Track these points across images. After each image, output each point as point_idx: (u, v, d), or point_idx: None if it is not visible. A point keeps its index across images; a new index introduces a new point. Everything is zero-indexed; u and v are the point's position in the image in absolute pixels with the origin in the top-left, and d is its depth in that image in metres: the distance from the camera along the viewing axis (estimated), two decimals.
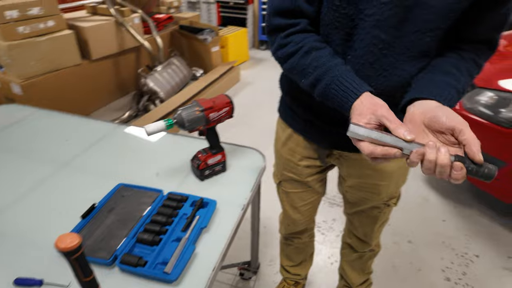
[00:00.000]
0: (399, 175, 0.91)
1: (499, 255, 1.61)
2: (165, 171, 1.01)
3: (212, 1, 4.80)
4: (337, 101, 0.62)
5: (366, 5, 0.60)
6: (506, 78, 1.63)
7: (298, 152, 0.93)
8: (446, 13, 0.60)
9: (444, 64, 0.65)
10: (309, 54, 0.65)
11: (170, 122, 0.82)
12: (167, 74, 3.02)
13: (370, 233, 1.07)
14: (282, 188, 1.07)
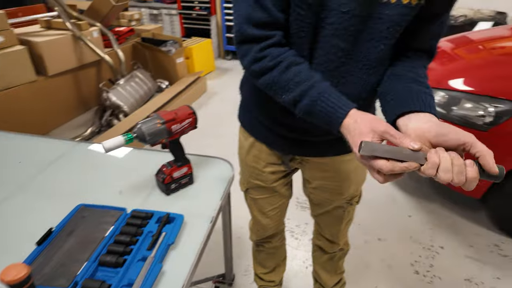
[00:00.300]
0: (357, 175, 0.95)
1: (461, 245, 1.70)
2: (129, 188, 0.97)
3: (174, 13, 4.77)
4: (324, 118, 0.61)
5: (327, 13, 0.62)
6: (455, 78, 1.75)
7: (262, 159, 0.93)
8: (398, 23, 0.63)
9: (408, 73, 0.68)
10: (289, 69, 0.63)
11: (130, 137, 0.80)
12: (131, 88, 2.94)
13: (337, 233, 1.09)
14: (249, 195, 1.07)
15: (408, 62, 0.72)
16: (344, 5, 0.61)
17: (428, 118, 0.57)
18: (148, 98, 3.17)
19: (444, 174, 0.48)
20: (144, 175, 1.01)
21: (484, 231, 1.78)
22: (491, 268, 1.57)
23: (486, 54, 2.05)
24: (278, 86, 0.65)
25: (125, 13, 3.84)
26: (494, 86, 1.61)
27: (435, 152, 0.50)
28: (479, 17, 3.93)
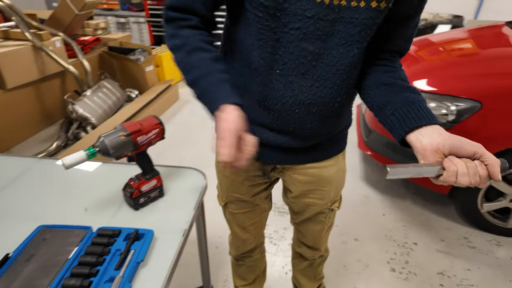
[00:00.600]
0: (337, 180, 0.94)
1: (434, 240, 1.76)
2: (95, 205, 0.92)
3: (142, 20, 4.68)
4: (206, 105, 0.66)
5: (290, 18, 0.62)
6: (419, 79, 1.82)
7: (242, 172, 0.90)
8: (369, 27, 0.64)
9: (395, 80, 0.70)
10: (192, 53, 0.67)
11: (92, 152, 0.76)
12: (98, 98, 2.84)
13: (318, 239, 1.08)
14: (228, 210, 1.03)
15: (388, 67, 0.73)
16: (309, 10, 0.61)
17: (437, 131, 0.59)
18: (117, 109, 3.08)
19: (463, 178, 0.54)
20: (111, 190, 0.97)
21: (453, 225, 1.85)
22: (462, 261, 1.63)
23: (446, 56, 2.16)
24: (183, 65, 0.69)
25: (90, 22, 3.72)
26: (455, 86, 1.69)
27: (450, 161, 0.55)
28: (438, 20, 4.15)
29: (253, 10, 0.64)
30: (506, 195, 1.67)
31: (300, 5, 0.61)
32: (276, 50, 0.66)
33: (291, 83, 0.68)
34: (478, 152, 0.54)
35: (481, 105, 1.55)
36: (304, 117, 0.73)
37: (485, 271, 1.58)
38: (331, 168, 0.90)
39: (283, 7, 0.61)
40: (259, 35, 0.66)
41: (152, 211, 0.91)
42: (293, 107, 0.71)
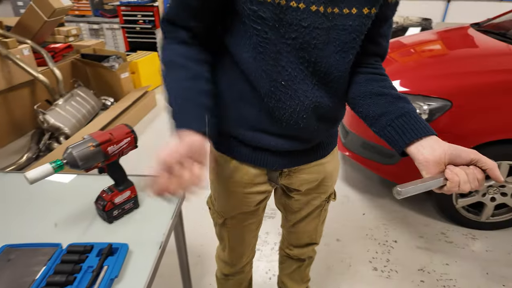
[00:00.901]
0: (336, 172, 0.98)
1: (412, 237, 1.79)
2: (65, 220, 0.88)
3: (116, 27, 4.58)
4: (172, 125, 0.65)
5: (287, 29, 0.62)
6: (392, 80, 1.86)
7: (247, 181, 0.86)
8: (361, 32, 0.66)
9: (386, 90, 0.71)
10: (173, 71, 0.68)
11: (59, 164, 0.72)
12: (71, 107, 2.74)
13: (315, 233, 1.08)
14: (227, 226, 0.98)
15: (376, 75, 0.74)
16: (304, 19, 0.61)
17: (436, 142, 0.62)
18: (92, 117, 2.98)
19: (465, 185, 0.57)
20: (83, 204, 0.93)
21: (431, 221, 1.90)
22: (440, 256, 1.67)
23: (417, 57, 2.23)
24: (165, 82, 0.69)
25: (60, 28, 3.60)
26: (426, 86, 1.75)
27: (451, 172, 0.58)
28: (408, 23, 4.30)
29: (252, 24, 0.63)
30: (478, 190, 1.72)
31: (296, 15, 0.61)
32: (278, 62, 0.66)
33: (296, 91, 0.68)
34: (474, 158, 0.58)
35: (451, 104, 1.60)
36: (311, 120, 0.74)
37: (462, 264, 1.62)
38: (332, 163, 0.92)
39: (279, 18, 0.61)
40: (259, 49, 0.65)
41: (127, 224, 0.88)
42: (300, 113, 0.72)
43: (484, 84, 1.63)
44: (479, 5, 4.62)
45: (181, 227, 1.08)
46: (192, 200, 0.97)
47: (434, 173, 0.59)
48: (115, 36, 4.70)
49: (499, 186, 1.70)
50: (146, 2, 4.23)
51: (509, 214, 1.78)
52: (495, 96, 1.59)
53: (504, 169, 1.65)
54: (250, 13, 0.62)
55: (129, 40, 4.51)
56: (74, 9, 4.77)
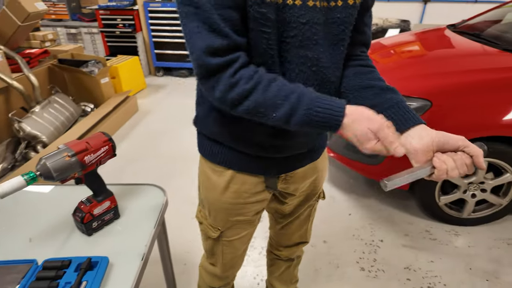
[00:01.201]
0: (326, 169, 0.99)
1: (398, 235, 1.81)
2: (41, 234, 0.84)
3: (95, 31, 4.48)
4: (322, 123, 0.60)
5: (285, 27, 0.61)
6: None
7: (245, 190, 0.84)
8: (350, 23, 0.67)
9: (374, 83, 0.71)
10: (271, 86, 0.60)
11: (32, 176, 0.68)
12: (49, 114, 2.65)
13: (305, 232, 1.09)
14: (223, 239, 0.94)
15: (364, 68, 0.75)
16: (303, 16, 0.61)
17: (424, 130, 0.62)
18: (72, 124, 2.89)
19: (453, 172, 0.58)
20: (60, 216, 0.89)
21: (415, 219, 1.92)
22: (425, 253, 1.70)
23: (397, 58, 2.27)
24: (265, 106, 0.60)
25: (36, 33, 3.48)
26: (406, 86, 1.77)
27: (438, 159, 0.58)
28: (387, 25, 4.39)
29: (261, 28, 0.60)
30: (459, 187, 1.76)
31: (293, 12, 0.60)
32: (283, 63, 0.66)
33: None
34: (462, 144, 0.58)
35: (431, 104, 1.63)
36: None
37: (446, 261, 1.65)
38: (322, 160, 0.94)
39: (282, 17, 0.60)
40: (269, 52, 0.62)
41: (107, 236, 0.85)
42: None
43: (461, 84, 1.67)
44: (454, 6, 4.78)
45: (164, 235, 1.05)
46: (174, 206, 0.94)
47: (422, 161, 0.60)
48: (94, 41, 4.59)
49: (479, 183, 1.74)
50: (125, 6, 4.16)
51: (489, 209, 1.83)
52: (472, 95, 1.63)
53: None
54: (258, 16, 0.58)
55: (109, 44, 4.42)
56: (50, 13, 4.63)
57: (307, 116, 0.59)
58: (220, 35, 0.57)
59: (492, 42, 2.00)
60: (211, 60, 0.58)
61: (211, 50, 0.57)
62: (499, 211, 1.82)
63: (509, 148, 1.63)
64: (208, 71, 0.59)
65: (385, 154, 0.59)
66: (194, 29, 0.57)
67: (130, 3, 4.20)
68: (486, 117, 1.61)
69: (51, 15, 4.66)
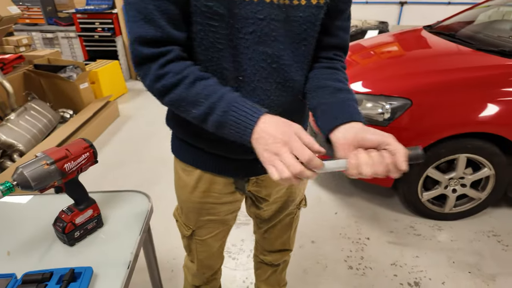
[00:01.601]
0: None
1: (383, 232, 1.84)
2: (20, 246, 0.80)
3: (73, 35, 4.36)
4: (235, 128, 0.58)
5: (243, 23, 0.61)
6: (354, 82, 1.92)
7: (214, 191, 0.83)
8: (313, 23, 0.66)
9: (331, 83, 0.70)
10: (196, 83, 0.60)
11: (8, 186, 0.65)
12: (25, 122, 2.56)
13: (287, 240, 1.08)
14: (195, 238, 0.94)
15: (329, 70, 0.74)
16: (260, 11, 0.61)
17: (353, 126, 0.61)
18: (50, 131, 2.80)
19: (366, 168, 0.54)
20: (39, 227, 0.85)
21: (400, 216, 1.96)
22: (410, 249, 1.73)
23: (377, 58, 2.32)
24: (187, 101, 0.60)
25: (9, 38, 3.37)
26: (387, 86, 1.82)
27: (354, 155, 0.56)
28: (366, 26, 4.48)
29: (207, 21, 0.60)
30: (441, 183, 1.81)
31: (251, 8, 0.60)
32: (235, 58, 0.64)
33: (255, 89, 0.67)
34: (384, 142, 0.55)
35: (411, 102, 1.67)
36: None
37: (430, 255, 1.69)
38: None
39: (234, 13, 0.60)
40: (217, 45, 0.63)
41: (90, 245, 0.82)
42: None
43: (440, 83, 1.72)
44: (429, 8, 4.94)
45: (150, 242, 1.03)
46: (160, 212, 0.93)
47: (343, 156, 0.58)
48: (71, 45, 4.47)
49: (459, 178, 1.79)
50: (104, 10, 4.08)
51: (469, 203, 1.88)
52: (450, 93, 1.68)
53: (462, 161, 1.75)
54: (205, 10, 0.59)
55: (88, 48, 4.31)
56: (25, 17, 4.48)
57: (222, 118, 0.58)
58: (153, 26, 0.58)
59: (467, 42, 2.08)
60: (143, 50, 0.59)
61: (143, 40, 0.58)
62: (478, 205, 1.88)
63: (486, 144, 1.69)
64: (139, 59, 0.60)
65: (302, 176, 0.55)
66: (131, 17, 0.59)
67: (108, 6, 4.12)
68: (463, 114, 1.67)
69: (25, 19, 4.51)
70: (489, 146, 1.70)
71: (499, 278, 1.57)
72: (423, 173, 1.77)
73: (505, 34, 2.20)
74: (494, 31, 2.30)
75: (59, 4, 4.69)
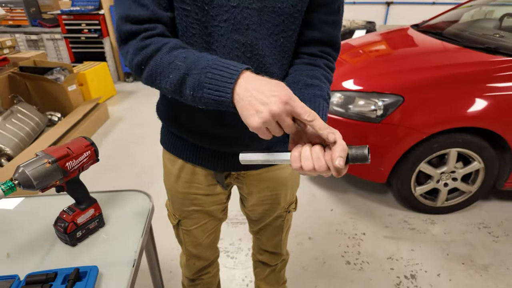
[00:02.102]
0: (292, 181, 0.94)
1: (378, 227, 1.87)
2: (20, 248, 0.78)
3: (59, 37, 4.27)
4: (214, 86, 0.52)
5: (217, 11, 0.61)
6: (346, 80, 1.95)
7: (196, 181, 0.84)
8: (292, 15, 0.65)
9: (304, 78, 0.69)
10: (176, 49, 0.58)
11: (10, 185, 0.63)
12: (12, 125, 2.49)
13: (279, 243, 1.07)
14: (182, 227, 0.96)
15: (309, 65, 0.72)
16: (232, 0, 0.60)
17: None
18: (38, 135, 2.73)
19: (305, 162, 0.52)
20: (39, 228, 0.83)
21: (394, 210, 2.00)
22: (405, 243, 1.76)
23: (366, 57, 2.35)
24: (163, 66, 0.56)
25: None
26: (378, 83, 1.85)
27: (295, 148, 0.54)
28: (354, 26, 4.55)
29: (181, 5, 0.61)
30: (433, 177, 1.85)
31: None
32: (210, 45, 0.64)
33: None
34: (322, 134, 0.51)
35: (403, 99, 1.71)
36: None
37: (425, 249, 1.72)
38: (286, 170, 0.89)
39: (209, 0, 0.60)
40: (191, 30, 0.63)
41: (93, 245, 0.80)
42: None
43: (430, 79, 1.76)
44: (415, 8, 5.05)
45: (152, 242, 1.02)
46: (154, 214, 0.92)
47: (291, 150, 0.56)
48: (57, 47, 4.37)
49: (450, 172, 1.84)
50: (90, 10, 4.01)
51: (460, 197, 1.93)
52: (440, 89, 1.73)
53: (453, 155, 1.79)
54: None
55: (74, 50, 4.23)
56: (7, 19, 4.36)
57: (199, 78, 0.53)
58: (140, 5, 0.59)
59: (453, 40, 2.13)
60: (128, 27, 0.59)
61: (129, 18, 0.59)
62: (469, 198, 1.93)
63: (475, 138, 1.74)
64: (125, 36, 0.60)
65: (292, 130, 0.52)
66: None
67: (95, 7, 4.05)
68: (453, 109, 1.71)
69: (8, 20, 4.39)
70: (479, 141, 1.75)
71: (491, 268, 1.61)
72: (415, 168, 1.81)
73: (489, 32, 2.27)
74: (478, 29, 2.36)
75: (43, 5, 4.59)
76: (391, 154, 1.78)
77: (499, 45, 1.92)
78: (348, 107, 1.85)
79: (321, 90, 0.67)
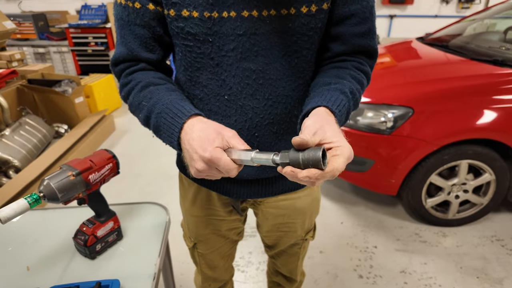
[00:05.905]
0: (312, 210, 0.89)
1: (390, 240, 1.85)
2: (39, 261, 0.77)
3: (65, 50, 4.34)
4: (166, 129, 0.55)
5: (224, 41, 0.59)
6: None
7: (212, 206, 0.82)
8: (305, 34, 0.61)
9: (323, 80, 0.64)
10: (146, 88, 0.62)
11: (35, 198, 0.63)
12: (20, 137, 2.50)
13: (294, 270, 1.04)
14: (197, 250, 0.93)
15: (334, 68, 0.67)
16: (239, 27, 0.59)
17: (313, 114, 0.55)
18: (45, 147, 2.74)
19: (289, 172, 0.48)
20: (58, 241, 0.83)
21: (405, 223, 1.97)
22: (418, 256, 1.73)
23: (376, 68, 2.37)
24: (135, 105, 0.63)
25: (2, 53, 3.31)
26: (388, 95, 1.85)
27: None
28: None
29: (182, 42, 0.62)
30: (444, 189, 1.84)
31: (230, 24, 0.59)
32: (218, 76, 0.63)
33: (242, 107, 0.64)
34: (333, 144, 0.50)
35: (413, 110, 1.71)
36: (266, 139, 0.68)
37: (438, 262, 1.69)
38: (305, 199, 0.84)
39: (214, 31, 0.59)
40: (196, 65, 0.63)
41: (112, 258, 0.79)
42: (251, 131, 0.67)
43: (440, 91, 1.77)
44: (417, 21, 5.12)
45: (168, 256, 1.01)
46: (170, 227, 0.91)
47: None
48: (64, 60, 4.44)
49: (461, 184, 1.83)
50: (97, 24, 4.08)
51: (472, 209, 1.91)
52: (450, 101, 1.73)
53: (464, 167, 1.78)
54: (178, 31, 0.61)
55: (80, 63, 4.29)
56: (16, 32, 4.44)
57: (156, 121, 0.57)
58: (126, 48, 0.64)
59: (460, 52, 2.15)
60: (115, 68, 0.67)
61: (117, 60, 0.66)
62: (481, 210, 1.91)
63: (486, 149, 1.73)
64: (115, 75, 0.69)
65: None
66: (116, 40, 0.67)
67: (102, 21, 4.13)
68: (463, 121, 1.71)
69: (17, 34, 4.47)
70: (489, 152, 1.74)
71: (506, 281, 1.58)
72: (426, 179, 1.80)
73: (495, 45, 2.29)
74: (484, 42, 2.39)
75: (51, 19, 4.68)
76: (402, 166, 1.78)
77: (506, 57, 1.93)
78: (357, 118, 1.85)
79: (340, 84, 0.61)
